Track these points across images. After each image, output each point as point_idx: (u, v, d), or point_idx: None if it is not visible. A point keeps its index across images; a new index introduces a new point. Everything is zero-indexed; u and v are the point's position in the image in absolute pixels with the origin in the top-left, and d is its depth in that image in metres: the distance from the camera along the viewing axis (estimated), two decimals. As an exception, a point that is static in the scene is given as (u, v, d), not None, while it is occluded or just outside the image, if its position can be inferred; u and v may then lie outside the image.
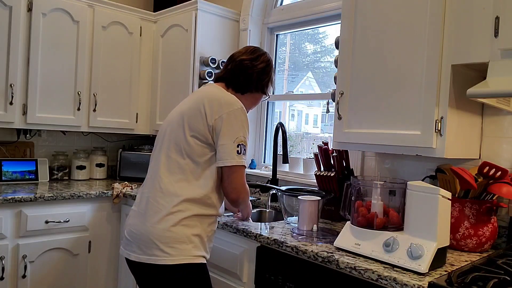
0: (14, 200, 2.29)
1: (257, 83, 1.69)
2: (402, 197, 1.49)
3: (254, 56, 1.70)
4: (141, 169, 3.15)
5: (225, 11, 2.91)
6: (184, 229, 1.48)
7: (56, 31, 2.71)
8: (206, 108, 1.52)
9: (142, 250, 1.48)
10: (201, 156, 1.52)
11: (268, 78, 1.72)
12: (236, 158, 1.49)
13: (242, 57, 1.69)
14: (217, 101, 1.52)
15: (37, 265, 2.40)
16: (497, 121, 1.71)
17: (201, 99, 1.55)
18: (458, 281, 1.18)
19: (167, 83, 3.03)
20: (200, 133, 1.52)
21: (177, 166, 1.53)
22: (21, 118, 2.62)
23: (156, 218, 1.48)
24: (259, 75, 1.69)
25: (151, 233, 1.47)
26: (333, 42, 2.22)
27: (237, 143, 1.49)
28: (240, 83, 1.67)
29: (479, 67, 1.48)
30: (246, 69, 1.67)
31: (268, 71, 1.72)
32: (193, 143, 1.52)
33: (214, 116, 1.50)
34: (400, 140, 1.61)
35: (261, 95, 1.75)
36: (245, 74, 1.67)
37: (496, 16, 1.33)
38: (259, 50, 1.74)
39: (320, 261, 1.48)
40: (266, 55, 1.74)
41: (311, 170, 2.49)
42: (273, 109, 2.99)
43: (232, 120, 1.50)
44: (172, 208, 1.48)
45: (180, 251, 1.46)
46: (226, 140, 1.49)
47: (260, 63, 1.69)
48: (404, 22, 1.61)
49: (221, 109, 1.50)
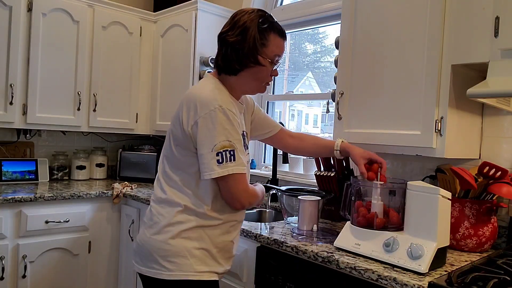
0: (14, 200, 2.29)
1: (238, 58, 1.36)
2: (402, 197, 1.49)
3: (231, 23, 1.38)
4: (141, 169, 3.15)
5: (225, 11, 2.91)
6: (184, 242, 1.34)
7: (56, 31, 2.71)
8: (183, 114, 1.34)
9: (143, 261, 1.39)
10: (190, 167, 1.37)
11: (250, 44, 1.34)
12: (217, 169, 1.29)
13: (222, 29, 1.40)
14: (193, 104, 1.32)
15: (37, 265, 2.40)
16: (497, 121, 1.70)
17: (182, 102, 1.37)
18: (458, 281, 1.18)
19: (167, 83, 3.03)
20: (181, 143, 1.36)
21: (172, 180, 1.40)
22: (21, 118, 2.62)
23: (156, 228, 1.37)
24: (234, 47, 1.35)
25: (150, 244, 1.37)
26: (333, 42, 2.22)
27: (216, 151, 1.28)
28: (225, 64, 1.39)
29: (479, 67, 1.48)
30: (225, 43, 1.37)
31: (246, 37, 1.34)
32: (179, 154, 1.37)
33: (190, 122, 1.32)
34: (400, 140, 1.61)
35: (261, 67, 1.39)
36: (225, 51, 1.37)
37: (496, 16, 1.33)
38: (238, 14, 1.39)
39: (320, 261, 1.48)
40: (245, 16, 1.36)
41: (311, 170, 2.49)
42: (273, 109, 3.00)
43: (209, 124, 1.29)
44: (172, 218, 1.36)
45: (179, 266, 1.33)
46: (203, 149, 1.30)
47: (235, 31, 1.36)
48: (404, 22, 1.61)
49: (195, 114, 1.31)
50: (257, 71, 1.39)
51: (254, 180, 2.73)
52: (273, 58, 1.40)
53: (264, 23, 1.36)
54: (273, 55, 1.39)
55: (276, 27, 1.40)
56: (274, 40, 1.39)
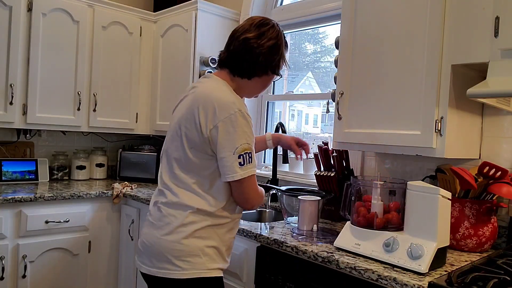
0: (14, 200, 2.29)
1: (265, 66, 1.44)
2: (402, 197, 1.49)
3: (261, 32, 1.43)
4: (141, 169, 3.15)
5: (225, 11, 2.91)
6: (197, 241, 1.36)
7: (56, 31, 2.71)
8: (201, 117, 1.35)
9: (152, 263, 1.39)
10: (205, 169, 1.38)
11: (279, 57, 1.46)
12: (240, 171, 1.33)
13: (245, 35, 1.43)
14: (211, 106, 1.34)
15: (37, 265, 2.40)
16: (497, 121, 1.71)
17: (195, 104, 1.38)
18: (458, 281, 1.18)
19: (167, 83, 3.03)
20: (197, 145, 1.37)
21: (183, 182, 1.40)
22: (21, 118, 2.62)
23: (168, 229, 1.38)
24: (266, 56, 1.43)
25: (161, 245, 1.37)
26: (333, 42, 2.22)
27: (238, 154, 1.32)
28: (245, 67, 1.44)
29: (479, 67, 1.48)
30: (251, 50, 1.42)
31: (277, 49, 1.45)
32: (193, 156, 1.38)
33: (209, 126, 1.33)
34: (400, 140, 1.61)
35: (272, 76, 1.51)
36: (250, 57, 1.42)
37: (496, 16, 1.33)
38: (265, 23, 1.45)
39: (320, 261, 1.48)
40: (275, 28, 1.46)
41: (311, 170, 2.49)
42: (273, 109, 2.99)
43: (229, 128, 1.32)
44: (185, 219, 1.37)
45: (193, 265, 1.35)
46: (225, 152, 1.32)
47: (267, 41, 1.42)
48: (404, 22, 1.61)
49: (215, 117, 1.32)
50: (269, 78, 1.51)
51: (254, 180, 2.73)
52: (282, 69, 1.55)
53: (285, 40, 1.51)
54: (283, 67, 1.54)
55: (287, 44, 1.55)
56: (286, 56, 1.54)
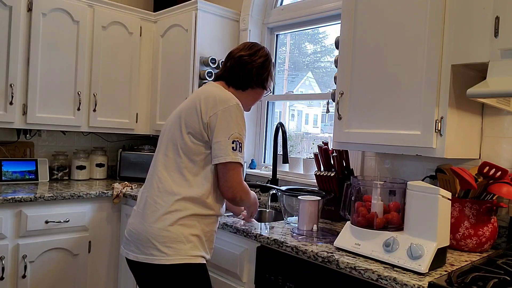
0: (14, 200, 2.29)
1: (257, 79, 1.68)
2: (402, 197, 1.49)
3: (252, 51, 1.69)
4: (141, 169, 3.15)
5: (225, 11, 2.91)
6: (182, 228, 1.47)
7: (56, 31, 2.71)
8: (202, 105, 1.52)
9: (140, 250, 1.48)
10: (198, 155, 1.52)
11: (267, 72, 1.71)
12: (231, 154, 1.48)
13: (240, 53, 1.69)
14: (212, 98, 1.52)
15: (37, 265, 2.40)
16: (497, 121, 1.71)
17: (198, 97, 1.56)
18: (458, 281, 1.18)
19: (167, 83, 3.03)
20: (195, 131, 1.52)
21: (174, 165, 1.53)
22: (21, 118, 2.62)
23: (154, 217, 1.49)
24: (258, 70, 1.68)
25: (148, 232, 1.47)
26: (333, 42, 2.22)
27: (232, 140, 1.48)
28: (240, 80, 1.67)
29: (479, 67, 1.48)
30: (245, 65, 1.66)
31: (267, 66, 1.71)
32: (189, 141, 1.52)
33: (209, 113, 1.50)
34: (400, 140, 1.61)
35: (262, 91, 1.74)
36: (244, 70, 1.66)
37: (496, 16, 1.33)
38: (257, 45, 1.73)
39: (320, 261, 1.48)
40: (264, 50, 1.73)
41: (311, 170, 2.49)
42: (273, 109, 2.99)
43: (227, 116, 1.50)
44: (170, 207, 1.48)
45: (177, 251, 1.46)
46: (220, 137, 1.48)
47: (258, 58, 1.68)
48: (404, 22, 1.61)
49: (216, 106, 1.51)
50: (259, 92, 1.74)
51: (254, 180, 2.73)
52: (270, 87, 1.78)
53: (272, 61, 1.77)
54: (271, 85, 1.78)
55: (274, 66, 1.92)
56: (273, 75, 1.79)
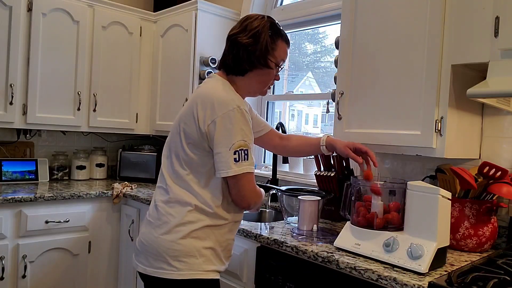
0: (14, 200, 2.29)
1: (248, 58, 1.42)
2: (402, 197, 1.49)
3: (242, 27, 1.44)
4: (141, 169, 3.15)
5: (225, 11, 2.91)
6: (194, 241, 1.36)
7: (56, 31, 2.71)
8: (199, 112, 1.36)
9: (149, 262, 1.38)
10: (203, 166, 1.39)
11: (262, 46, 1.42)
12: (234, 167, 1.32)
13: (232, 32, 1.46)
14: (209, 102, 1.35)
15: (37, 265, 2.40)
16: (497, 121, 1.71)
17: (195, 100, 1.40)
18: (458, 281, 1.18)
19: (167, 83, 3.03)
20: (195, 141, 1.38)
21: (181, 179, 1.41)
22: (21, 118, 2.62)
23: (165, 228, 1.37)
24: (246, 48, 1.41)
25: (159, 244, 1.37)
26: (333, 42, 2.22)
27: (234, 150, 1.32)
28: (232, 64, 1.44)
29: (479, 67, 1.48)
30: (235, 45, 1.43)
31: (260, 40, 1.42)
32: (191, 152, 1.39)
33: (206, 121, 1.34)
34: (400, 140, 1.61)
35: (268, 70, 1.47)
36: (234, 52, 1.43)
37: (496, 16, 1.33)
38: (250, 17, 1.46)
39: (320, 261, 1.48)
40: (256, 21, 1.44)
41: (311, 170, 2.49)
42: (273, 109, 2.99)
43: (227, 124, 1.32)
44: (183, 218, 1.37)
45: (189, 266, 1.35)
46: (220, 148, 1.33)
47: (247, 33, 1.42)
48: (404, 22, 1.61)
49: (213, 112, 1.33)
50: (264, 73, 1.47)
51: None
52: (279, 62, 1.50)
53: (274, 30, 1.46)
54: (279, 59, 1.49)
55: (283, 34, 1.50)
56: (281, 46, 1.48)
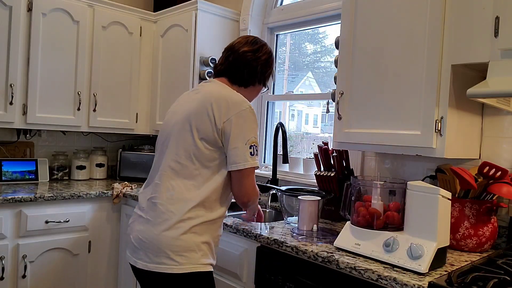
0: (14, 200, 2.29)
1: (260, 76, 1.65)
2: (402, 197, 1.49)
3: (256, 47, 1.63)
4: (141, 169, 3.15)
5: (225, 11, 2.91)
6: (194, 236, 1.44)
7: (56, 31, 2.71)
8: (214, 111, 1.46)
9: (150, 258, 1.44)
10: (211, 161, 1.47)
11: (270, 70, 1.68)
12: (250, 160, 1.46)
13: (243, 48, 1.62)
14: (224, 102, 1.46)
15: (37, 265, 2.40)
16: (497, 121, 1.71)
17: (208, 100, 1.49)
18: (458, 281, 1.18)
19: (167, 83, 3.03)
20: (209, 137, 1.46)
21: (188, 172, 1.47)
22: (21, 118, 2.62)
23: (166, 225, 1.43)
24: (262, 67, 1.64)
25: (160, 241, 1.42)
26: (333, 42, 2.22)
27: (249, 145, 1.46)
28: (244, 77, 1.62)
29: (479, 67, 1.48)
30: (250, 61, 1.61)
31: (270, 63, 1.68)
32: (203, 147, 1.46)
33: (222, 119, 1.45)
34: (400, 140, 1.61)
35: (261, 87, 1.72)
36: (249, 67, 1.61)
37: (496, 16, 1.33)
38: (260, 41, 1.67)
39: (320, 261, 1.48)
40: (267, 46, 1.69)
41: (311, 170, 2.49)
42: (273, 109, 2.99)
43: (242, 122, 1.46)
44: (183, 215, 1.43)
45: (189, 260, 1.42)
46: (237, 143, 1.44)
47: (263, 54, 1.64)
48: (404, 22, 1.61)
49: (229, 111, 1.45)
50: (258, 89, 1.70)
51: (254, 180, 2.73)
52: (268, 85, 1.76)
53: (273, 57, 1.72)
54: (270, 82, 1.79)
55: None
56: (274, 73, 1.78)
